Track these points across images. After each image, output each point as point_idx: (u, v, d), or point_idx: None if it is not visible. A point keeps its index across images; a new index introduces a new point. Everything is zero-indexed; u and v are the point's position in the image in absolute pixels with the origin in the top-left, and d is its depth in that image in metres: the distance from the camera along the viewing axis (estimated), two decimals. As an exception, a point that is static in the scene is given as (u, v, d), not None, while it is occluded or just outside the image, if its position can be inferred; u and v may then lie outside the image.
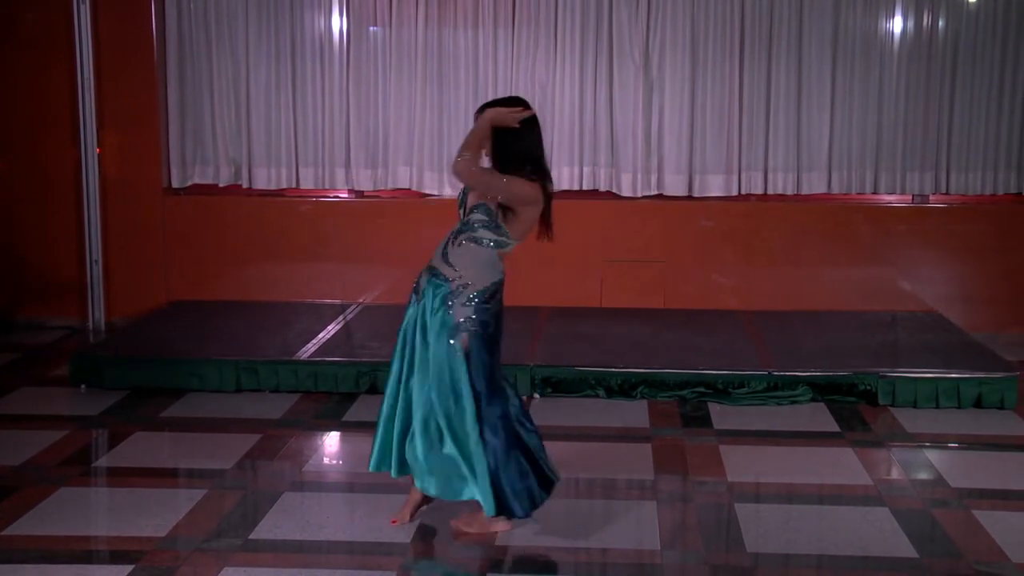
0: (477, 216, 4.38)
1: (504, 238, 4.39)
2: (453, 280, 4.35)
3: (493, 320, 4.40)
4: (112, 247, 8.24)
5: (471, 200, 4.44)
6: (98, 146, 8.11)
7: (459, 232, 4.41)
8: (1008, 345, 7.50)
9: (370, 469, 4.62)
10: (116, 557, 4.36)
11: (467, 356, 4.35)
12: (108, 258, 8.24)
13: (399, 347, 4.49)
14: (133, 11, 8.07)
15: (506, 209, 4.37)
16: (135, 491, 5.04)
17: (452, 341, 4.34)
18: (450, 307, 4.34)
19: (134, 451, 5.61)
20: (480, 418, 4.37)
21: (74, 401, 6.44)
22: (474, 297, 4.35)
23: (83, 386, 6.57)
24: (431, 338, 4.36)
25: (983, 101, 7.92)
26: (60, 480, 5.12)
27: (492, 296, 4.41)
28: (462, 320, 4.34)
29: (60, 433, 5.79)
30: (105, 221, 8.20)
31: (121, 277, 8.27)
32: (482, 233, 4.37)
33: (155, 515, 4.70)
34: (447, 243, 4.42)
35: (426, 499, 4.62)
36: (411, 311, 4.46)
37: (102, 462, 5.54)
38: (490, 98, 7.97)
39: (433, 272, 4.41)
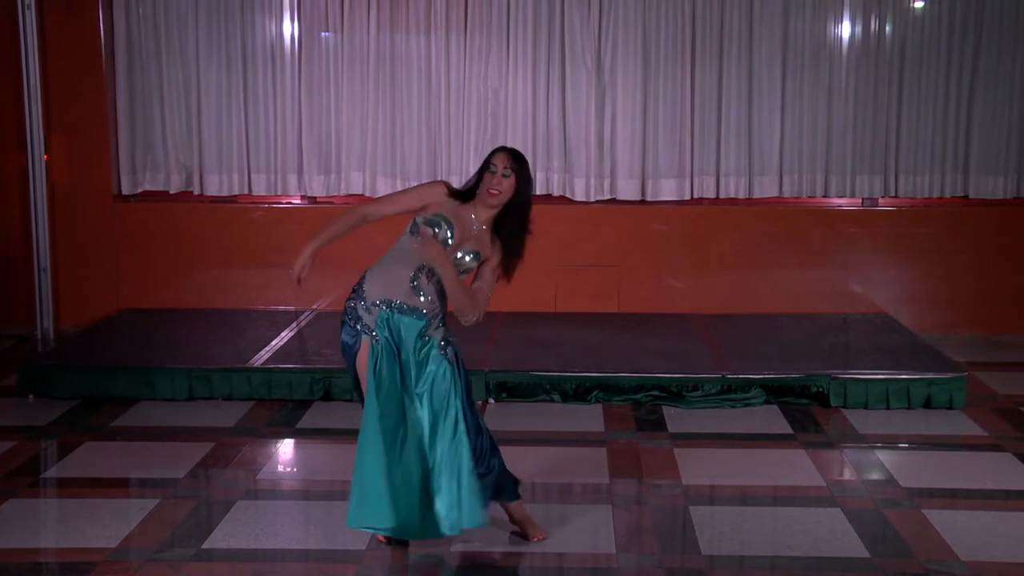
0: (468, 263, 4.30)
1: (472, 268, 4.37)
2: (428, 311, 4.30)
3: None
4: (61, 254, 8.14)
5: (468, 246, 4.31)
6: (46, 152, 8.00)
7: (434, 272, 4.26)
8: (956, 346, 7.61)
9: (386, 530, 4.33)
10: (66, 570, 4.31)
11: (456, 369, 4.33)
12: (57, 266, 8.13)
13: (378, 388, 4.26)
14: (80, 15, 7.97)
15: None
16: (85, 502, 4.97)
17: (445, 357, 4.31)
18: (426, 336, 4.30)
19: (84, 461, 5.54)
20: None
21: (22, 411, 6.34)
22: (442, 320, 4.36)
23: (31, 396, 6.48)
24: (430, 366, 4.30)
25: (929, 105, 8.04)
26: (8, 492, 5.04)
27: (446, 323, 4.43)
28: (441, 340, 4.33)
29: (8, 444, 5.70)
30: (54, 228, 8.09)
31: (70, 285, 8.17)
32: (468, 264, 4.31)
33: (106, 526, 4.64)
34: (415, 279, 4.25)
35: None
36: (376, 361, 4.26)
37: (51, 473, 5.47)
38: (442, 104, 8.04)
39: (403, 309, 4.26)
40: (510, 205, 4.33)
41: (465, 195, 4.36)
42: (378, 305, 4.29)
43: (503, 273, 4.40)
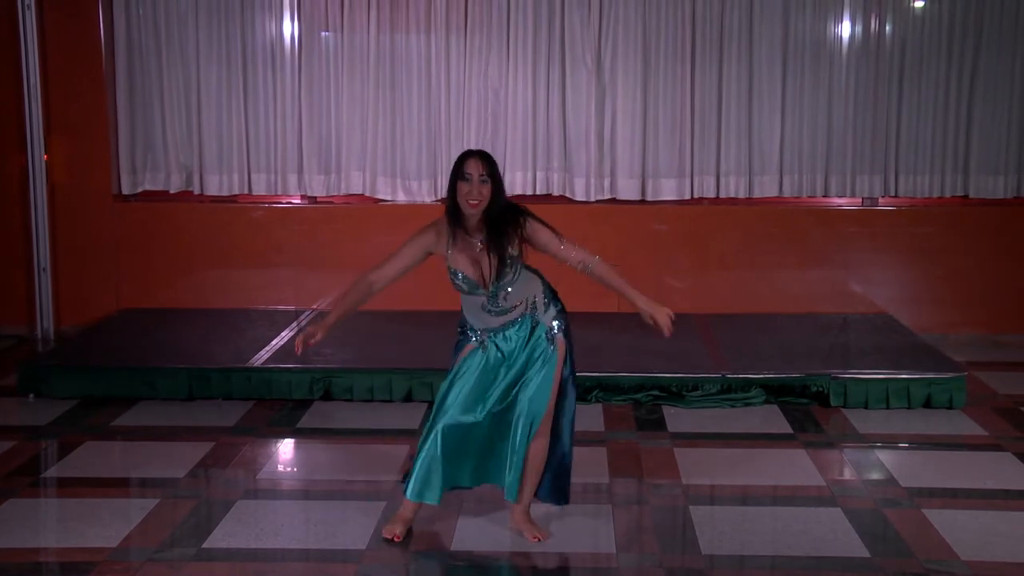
0: (506, 281, 4.37)
1: (520, 255, 4.44)
2: (525, 309, 4.43)
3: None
4: (61, 255, 8.14)
5: (496, 278, 4.38)
6: (46, 152, 8.00)
7: (495, 296, 4.37)
8: (956, 346, 7.61)
9: (435, 501, 4.46)
10: (66, 569, 4.31)
11: (567, 355, 4.48)
12: (57, 266, 8.13)
13: (465, 391, 4.43)
14: (80, 15, 7.97)
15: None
16: (85, 502, 4.97)
17: (552, 347, 4.43)
18: (535, 326, 4.43)
19: (84, 461, 5.54)
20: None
21: (23, 411, 6.34)
22: (545, 301, 4.48)
23: (31, 395, 6.48)
24: (534, 367, 4.42)
25: (930, 105, 8.03)
26: (8, 492, 5.04)
27: (550, 287, 4.54)
28: (553, 324, 4.45)
29: (8, 444, 5.70)
30: (54, 228, 8.09)
31: (70, 285, 8.17)
32: (515, 273, 4.39)
33: (106, 525, 4.64)
34: (488, 310, 4.40)
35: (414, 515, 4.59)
36: (473, 357, 4.45)
37: (52, 472, 5.47)
38: (442, 104, 8.04)
39: (499, 330, 4.43)
40: (492, 207, 4.35)
41: (454, 218, 4.38)
42: (483, 333, 4.47)
43: (538, 237, 4.44)
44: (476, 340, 4.49)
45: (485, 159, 4.34)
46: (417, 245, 4.44)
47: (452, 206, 4.36)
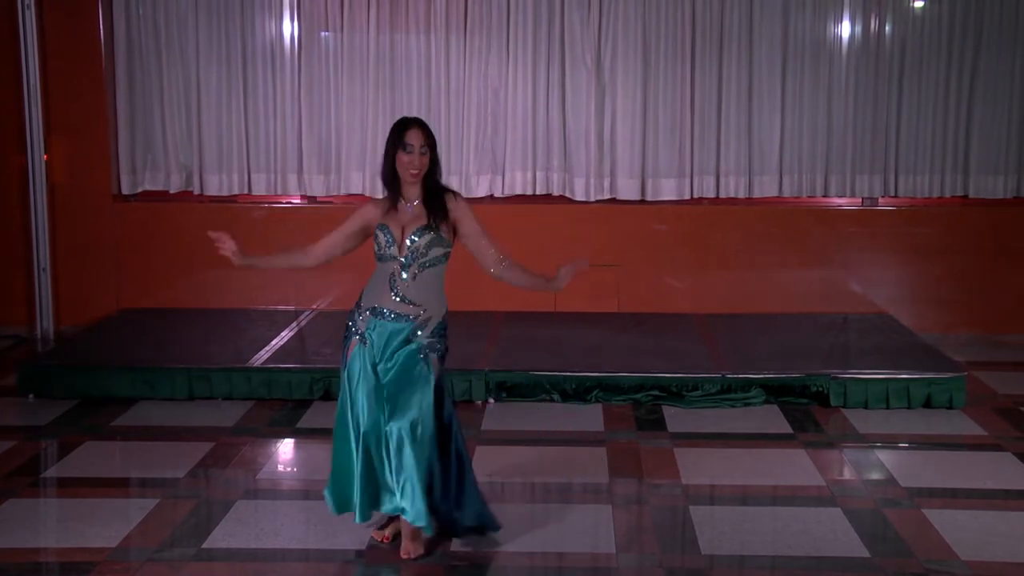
0: (423, 241, 4.31)
1: (448, 247, 4.38)
2: (417, 317, 4.32)
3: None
4: (61, 255, 8.14)
5: (412, 228, 4.33)
6: (46, 152, 8.00)
7: (407, 265, 4.31)
8: (956, 346, 7.61)
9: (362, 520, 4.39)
10: (66, 569, 4.31)
11: (437, 377, 4.33)
12: (57, 266, 8.13)
13: (350, 399, 4.37)
14: (80, 16, 7.98)
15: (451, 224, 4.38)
16: (85, 502, 4.97)
17: (421, 361, 4.30)
18: (412, 340, 4.31)
19: (84, 461, 5.54)
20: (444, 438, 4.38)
21: (22, 411, 6.34)
22: (437, 328, 4.36)
23: (31, 396, 6.48)
24: (395, 363, 4.30)
25: (929, 105, 8.04)
26: (8, 492, 5.04)
27: (447, 326, 4.42)
28: (426, 343, 4.32)
29: (8, 444, 5.71)
30: (53, 228, 8.09)
31: (70, 285, 8.17)
32: (434, 252, 4.33)
33: (106, 525, 4.64)
34: (391, 282, 4.32)
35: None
36: (357, 359, 4.34)
37: (51, 472, 5.47)
38: (442, 104, 8.05)
39: (385, 314, 4.32)
40: (429, 177, 4.36)
41: (392, 189, 4.37)
42: (371, 312, 4.35)
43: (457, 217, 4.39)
44: (356, 333, 4.36)
45: (424, 129, 4.34)
46: (356, 218, 4.44)
47: (391, 174, 4.35)
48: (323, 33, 8.10)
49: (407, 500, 4.26)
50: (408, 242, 4.29)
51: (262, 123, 8.18)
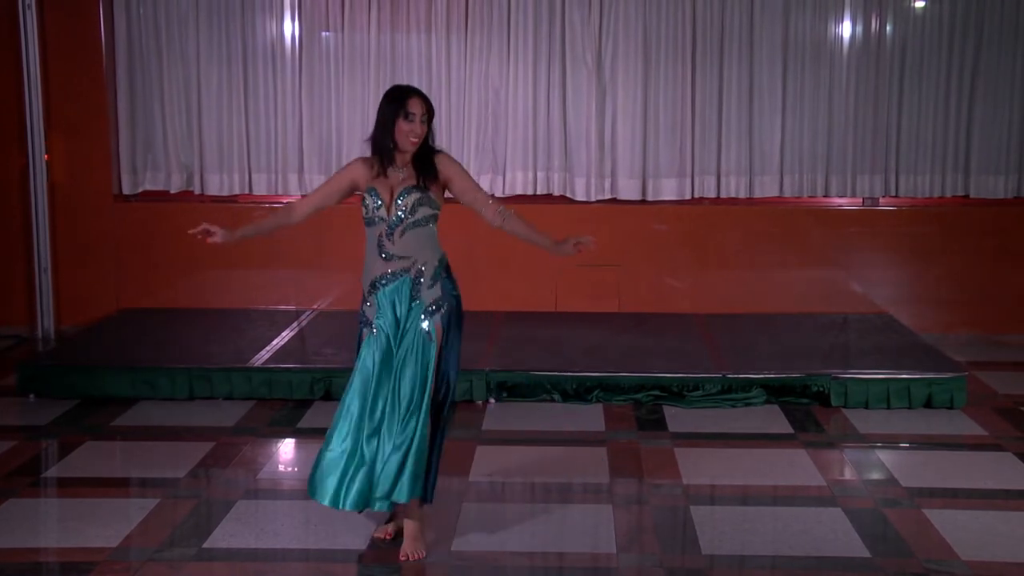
0: (411, 200, 4.31)
1: (437, 209, 4.38)
2: (409, 269, 4.33)
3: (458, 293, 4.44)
4: (61, 255, 8.14)
5: (401, 189, 4.34)
6: (46, 152, 8.00)
7: (394, 225, 4.32)
8: (957, 346, 7.61)
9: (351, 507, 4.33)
10: (66, 569, 4.31)
11: (443, 338, 4.35)
12: (57, 266, 8.13)
13: (363, 387, 4.33)
14: (81, 15, 7.98)
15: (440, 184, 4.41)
16: (85, 502, 4.97)
17: (425, 325, 4.32)
18: (416, 297, 4.32)
19: (84, 461, 5.54)
20: (435, 407, 4.37)
21: (23, 411, 6.34)
22: (436, 274, 4.36)
23: (32, 395, 6.48)
24: (411, 341, 4.31)
25: (930, 105, 8.04)
26: (8, 492, 5.04)
27: (448, 268, 4.42)
28: (431, 304, 4.33)
29: (8, 444, 5.71)
30: (54, 228, 8.09)
31: (71, 285, 8.17)
32: (422, 212, 4.33)
33: (106, 525, 4.64)
34: (379, 245, 4.34)
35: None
36: (366, 348, 4.34)
37: (52, 472, 5.47)
38: (442, 104, 8.04)
39: (383, 281, 4.33)
40: (423, 145, 4.37)
41: (383, 152, 4.36)
42: (372, 293, 4.36)
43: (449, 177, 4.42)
44: (365, 323, 4.38)
45: (424, 99, 4.35)
46: (345, 175, 4.46)
47: (384, 141, 4.34)
48: (324, 33, 8.11)
49: (397, 482, 4.24)
50: (396, 203, 4.30)
51: (263, 123, 8.18)
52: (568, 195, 8.17)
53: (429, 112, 4.35)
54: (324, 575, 4.29)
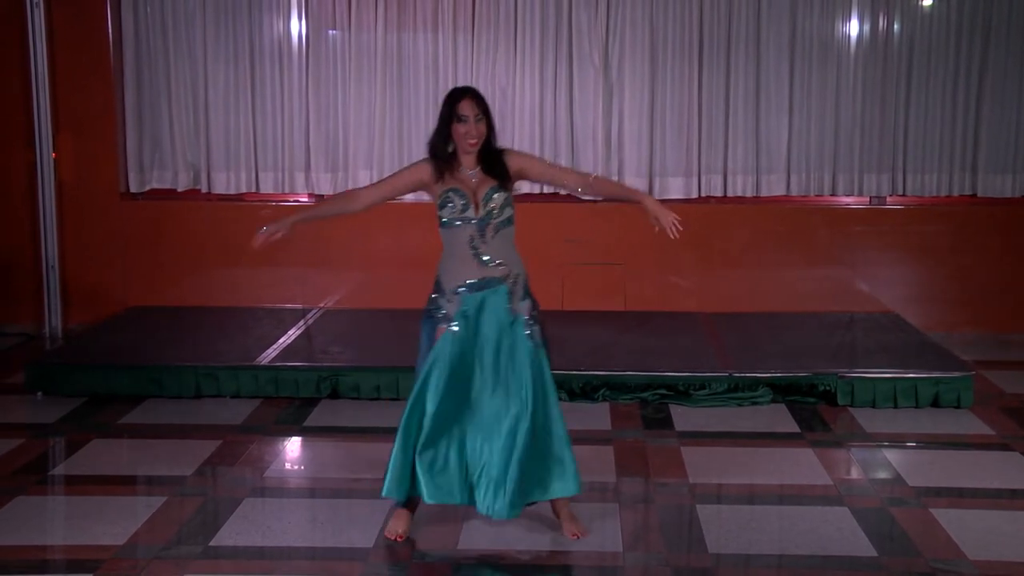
0: (499, 200, 4.35)
1: (513, 209, 4.43)
2: (507, 277, 4.37)
3: None
4: (69, 252, 8.15)
5: (483, 191, 4.36)
6: (54, 150, 8.02)
7: (484, 224, 4.34)
8: (964, 345, 7.59)
9: (399, 496, 4.42)
10: (73, 567, 4.31)
11: (544, 347, 4.43)
12: (65, 264, 8.15)
13: (443, 383, 4.33)
14: (88, 13, 7.99)
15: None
16: (92, 499, 4.98)
17: (528, 335, 4.38)
18: (513, 311, 4.37)
19: (92, 459, 5.55)
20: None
21: (30, 409, 6.36)
22: (526, 290, 4.43)
23: (39, 393, 6.49)
24: (516, 349, 4.37)
25: (937, 103, 8.02)
26: (16, 489, 5.05)
27: (528, 286, 4.49)
28: (528, 316, 4.40)
29: (16, 441, 5.72)
30: (61, 226, 8.11)
31: (78, 283, 8.19)
32: (507, 212, 4.38)
33: (113, 523, 4.65)
34: (472, 245, 4.34)
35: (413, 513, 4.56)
36: (447, 344, 4.35)
37: (59, 470, 5.48)
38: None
39: (477, 285, 4.35)
40: (486, 144, 4.39)
41: (448, 156, 4.38)
42: (458, 292, 4.36)
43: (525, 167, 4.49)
44: (444, 318, 4.38)
45: (477, 98, 4.34)
46: (413, 172, 4.45)
47: (442, 146, 4.36)
48: (331, 31, 8.11)
49: (501, 494, 4.31)
50: (483, 201, 4.32)
51: (270, 121, 8.19)
52: (575, 194, 8.14)
53: (483, 109, 4.33)
54: (331, 573, 4.30)
